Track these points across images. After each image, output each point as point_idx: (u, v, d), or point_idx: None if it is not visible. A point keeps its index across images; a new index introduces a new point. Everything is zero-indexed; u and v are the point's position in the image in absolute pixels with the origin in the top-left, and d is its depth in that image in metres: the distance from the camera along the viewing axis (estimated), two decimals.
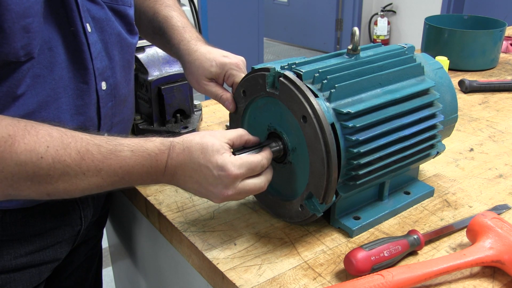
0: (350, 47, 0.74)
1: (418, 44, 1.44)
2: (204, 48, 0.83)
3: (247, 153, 0.68)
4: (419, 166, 0.87)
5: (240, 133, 0.69)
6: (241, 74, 0.79)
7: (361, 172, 0.68)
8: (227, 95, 0.80)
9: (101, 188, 0.63)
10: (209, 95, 0.83)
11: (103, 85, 0.75)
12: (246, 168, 0.65)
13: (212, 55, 0.81)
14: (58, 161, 0.58)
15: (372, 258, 0.64)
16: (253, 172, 0.66)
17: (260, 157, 0.67)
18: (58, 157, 0.58)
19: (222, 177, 0.63)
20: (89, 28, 0.71)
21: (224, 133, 0.67)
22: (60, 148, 0.59)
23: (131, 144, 0.63)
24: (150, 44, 1.03)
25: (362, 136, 0.67)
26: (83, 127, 0.72)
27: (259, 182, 0.67)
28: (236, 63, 0.80)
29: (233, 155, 0.65)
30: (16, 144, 0.56)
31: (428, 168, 0.94)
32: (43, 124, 0.60)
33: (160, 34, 0.90)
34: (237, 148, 0.69)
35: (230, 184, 0.64)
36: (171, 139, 0.66)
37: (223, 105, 0.80)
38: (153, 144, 0.64)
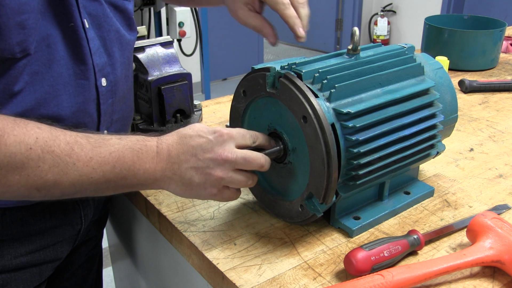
0: (350, 47, 0.74)
1: (418, 44, 1.44)
2: None
3: None
4: (419, 166, 0.87)
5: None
6: None
7: (361, 172, 0.68)
8: (268, 29, 0.79)
9: (93, 181, 0.62)
10: (250, 27, 0.81)
11: (103, 82, 0.75)
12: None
13: None
14: (47, 152, 0.58)
15: (372, 258, 0.64)
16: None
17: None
18: (47, 148, 0.58)
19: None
20: (86, 24, 0.71)
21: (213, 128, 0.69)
22: (50, 139, 0.59)
23: (118, 135, 0.65)
24: (150, 44, 1.03)
25: (362, 136, 0.67)
26: (81, 124, 0.72)
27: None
28: None
29: None
30: (5, 136, 0.56)
31: (428, 168, 0.94)
32: (31, 119, 0.60)
33: None
34: None
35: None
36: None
37: (265, 38, 0.79)
38: (138, 134, 0.67)
